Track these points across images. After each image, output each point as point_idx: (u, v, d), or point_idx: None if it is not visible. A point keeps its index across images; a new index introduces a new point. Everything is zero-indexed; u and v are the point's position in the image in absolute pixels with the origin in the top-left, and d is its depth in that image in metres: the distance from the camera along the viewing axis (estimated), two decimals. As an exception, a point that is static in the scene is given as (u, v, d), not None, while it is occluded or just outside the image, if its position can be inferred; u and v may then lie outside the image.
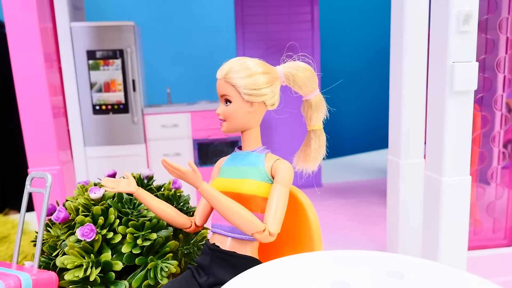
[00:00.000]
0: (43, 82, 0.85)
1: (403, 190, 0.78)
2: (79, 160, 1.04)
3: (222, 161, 0.52)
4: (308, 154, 0.53)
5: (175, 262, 0.51)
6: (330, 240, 0.94)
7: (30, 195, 0.55)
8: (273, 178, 0.48)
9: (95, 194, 0.53)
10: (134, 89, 1.05)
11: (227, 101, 0.48)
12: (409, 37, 0.75)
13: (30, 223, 1.06)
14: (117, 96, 1.04)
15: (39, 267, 0.50)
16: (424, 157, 0.79)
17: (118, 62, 1.02)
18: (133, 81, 1.04)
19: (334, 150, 2.06)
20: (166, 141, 1.07)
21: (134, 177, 0.60)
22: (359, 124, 2.03)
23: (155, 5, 1.33)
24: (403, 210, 0.79)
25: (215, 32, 1.41)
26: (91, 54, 1.03)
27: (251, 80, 0.47)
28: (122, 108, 1.05)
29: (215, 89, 0.51)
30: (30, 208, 0.64)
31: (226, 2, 1.20)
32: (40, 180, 0.52)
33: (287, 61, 0.53)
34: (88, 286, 0.48)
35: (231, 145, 1.01)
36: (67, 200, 0.56)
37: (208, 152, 1.10)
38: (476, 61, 0.79)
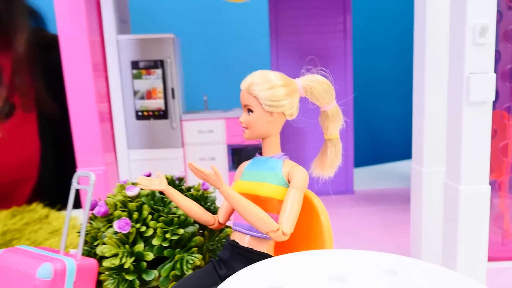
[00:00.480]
0: (91, 90, 0.94)
1: (425, 198, 0.79)
2: (123, 161, 1.13)
3: (244, 165, 0.57)
4: (325, 161, 0.57)
5: (199, 256, 0.56)
6: (355, 245, 0.97)
7: (77, 192, 0.62)
8: (289, 182, 0.52)
9: (131, 192, 0.60)
10: (173, 97, 1.12)
11: (249, 110, 0.53)
12: (431, 48, 0.76)
13: (77, 218, 1.16)
14: (157, 103, 1.12)
15: (82, 254, 0.57)
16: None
17: (159, 71, 1.10)
18: (172, 89, 1.12)
19: (373, 157, 2.06)
20: (202, 145, 1.13)
21: (167, 178, 0.65)
22: (399, 131, 2.02)
23: (194, 18, 1.42)
24: (426, 217, 0.80)
25: (250, 42, 1.48)
26: (134, 64, 1.11)
27: (272, 92, 0.52)
28: (162, 114, 1.12)
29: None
30: (78, 205, 0.71)
31: (261, 13, 1.26)
32: (86, 178, 0.59)
33: (306, 74, 0.57)
34: (123, 273, 0.55)
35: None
36: (108, 197, 0.62)
37: (241, 157, 1.16)
38: (504, 70, 0.79)
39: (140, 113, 1.13)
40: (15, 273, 0.53)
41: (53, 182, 1.47)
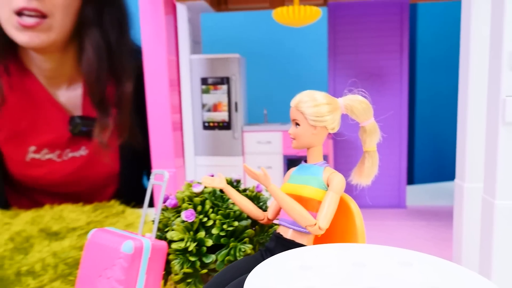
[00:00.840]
0: (167, 103, 1.09)
1: (466, 211, 0.83)
2: (190, 166, 1.27)
3: (292, 170, 0.66)
4: (362, 171, 0.65)
5: (250, 246, 0.66)
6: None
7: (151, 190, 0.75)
8: (328, 186, 0.60)
9: (197, 189, 0.71)
10: (236, 110, 1.24)
11: (297, 124, 0.62)
12: (473, 72, 0.81)
13: (147, 215, 1.32)
14: (222, 115, 1.25)
15: (155, 238, 0.69)
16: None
17: (224, 87, 1.23)
18: (236, 103, 1.24)
19: (436, 174, 2.05)
20: (260, 155, 1.24)
21: (227, 180, 0.77)
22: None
23: (258, 39, 1.55)
24: (466, 230, 0.83)
25: (309, 61, 1.58)
26: (204, 81, 1.25)
27: (316, 109, 0.61)
28: (226, 125, 1.25)
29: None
30: (150, 205, 0.83)
31: (320, 33, 1.35)
32: (160, 177, 0.72)
33: (348, 94, 0.65)
34: (187, 255, 0.66)
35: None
36: (177, 193, 0.75)
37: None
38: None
39: (206, 124, 1.26)
40: (104, 247, 0.66)
41: (128, 187, 1.67)
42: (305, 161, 0.64)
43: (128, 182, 1.65)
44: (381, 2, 1.32)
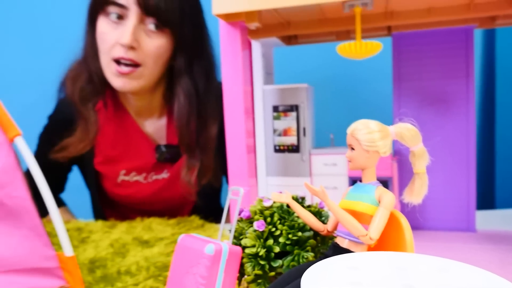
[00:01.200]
0: (242, 128, 1.23)
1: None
2: (262, 185, 1.39)
3: (349, 188, 0.76)
4: (413, 190, 0.73)
5: (312, 254, 0.76)
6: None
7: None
8: (379, 203, 0.69)
9: (267, 203, 0.83)
10: (304, 135, 1.36)
11: (352, 148, 0.72)
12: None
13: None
14: (291, 139, 1.37)
15: (232, 243, 0.82)
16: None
17: (293, 114, 1.35)
18: (304, 128, 1.35)
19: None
20: (326, 176, 1.33)
21: (293, 197, 0.88)
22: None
23: (325, 68, 1.67)
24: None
25: (374, 87, 1.65)
26: (275, 108, 1.38)
27: (369, 136, 0.71)
28: (295, 148, 1.37)
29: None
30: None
31: (385, 61, 1.43)
32: (236, 192, 0.85)
33: (399, 122, 0.74)
34: (258, 259, 0.78)
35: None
36: (250, 207, 0.87)
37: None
38: None
39: (277, 147, 1.38)
40: (191, 249, 0.80)
41: (206, 205, 1.85)
42: (360, 181, 0.74)
43: (205, 201, 1.83)
44: (445, 31, 1.37)
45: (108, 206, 1.89)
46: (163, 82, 1.75)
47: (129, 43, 1.56)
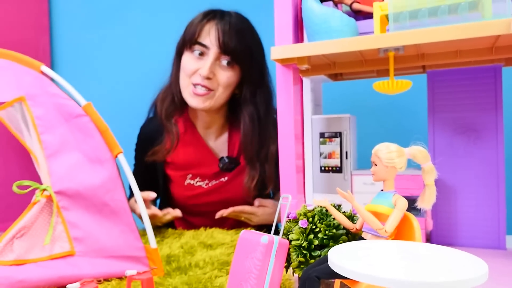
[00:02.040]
0: (292, 151, 1.46)
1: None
2: (309, 201, 1.62)
3: (374, 196, 0.97)
4: (424, 198, 0.93)
5: (344, 247, 0.97)
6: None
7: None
8: (395, 206, 0.90)
9: (309, 207, 1.06)
10: (346, 157, 1.57)
11: (375, 164, 0.94)
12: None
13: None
14: (335, 161, 1.59)
15: (282, 237, 1.05)
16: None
17: (337, 140, 1.58)
18: (346, 152, 1.57)
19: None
20: (365, 194, 1.53)
21: (331, 204, 1.10)
22: None
23: (367, 99, 1.88)
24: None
25: (410, 117, 1.83)
26: (322, 135, 1.61)
27: (389, 155, 0.92)
28: (338, 169, 1.58)
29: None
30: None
31: (422, 94, 1.62)
32: (286, 199, 1.08)
33: (413, 145, 0.95)
34: (301, 249, 1.00)
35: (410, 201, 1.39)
36: (297, 211, 1.10)
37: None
38: None
39: (323, 168, 1.61)
40: (250, 240, 1.04)
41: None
42: (382, 190, 0.95)
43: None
44: (475, 69, 1.55)
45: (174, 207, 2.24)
46: (226, 105, 2.12)
47: (206, 75, 1.96)
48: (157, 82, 2.15)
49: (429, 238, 1.60)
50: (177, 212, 1.96)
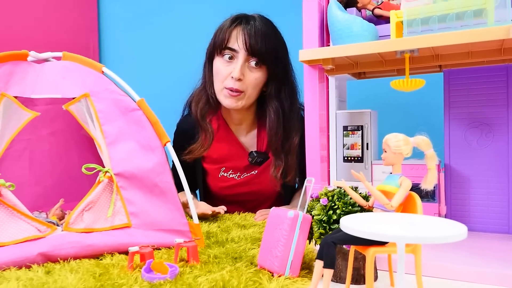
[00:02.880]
0: (317, 143, 1.65)
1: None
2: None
3: (384, 178, 1.15)
4: (426, 181, 1.09)
5: (358, 221, 1.15)
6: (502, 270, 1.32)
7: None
8: (400, 185, 1.07)
9: (330, 188, 1.24)
10: (367, 148, 1.73)
11: (385, 151, 1.11)
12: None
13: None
14: (357, 152, 1.75)
15: (305, 213, 1.24)
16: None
17: (359, 132, 1.74)
18: (367, 143, 1.73)
19: None
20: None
21: (350, 187, 1.28)
22: None
23: (388, 95, 2.03)
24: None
25: (426, 112, 1.96)
26: (345, 128, 1.78)
27: (396, 143, 1.09)
28: (359, 159, 1.75)
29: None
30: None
31: (438, 91, 1.76)
32: (310, 181, 1.27)
33: (417, 135, 1.11)
34: (322, 223, 1.18)
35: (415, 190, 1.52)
36: (319, 192, 1.29)
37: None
38: None
39: (346, 158, 1.78)
40: (278, 215, 1.23)
41: (285, 195, 2.37)
42: (391, 173, 1.12)
43: (285, 193, 2.35)
44: (489, 67, 1.68)
45: (210, 200, 2.45)
46: (255, 103, 2.33)
47: (238, 77, 2.17)
48: (192, 82, 2.39)
49: (443, 223, 1.75)
50: (223, 208, 2.13)
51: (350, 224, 0.86)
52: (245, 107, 2.33)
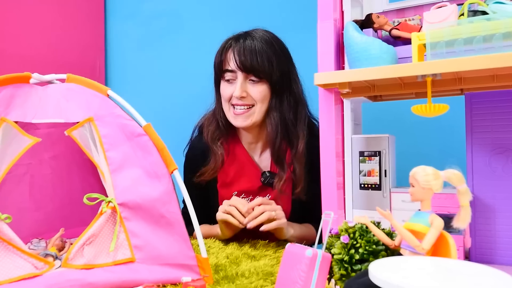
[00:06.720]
0: (333, 169, 1.55)
1: None
2: (349, 217, 1.70)
3: (411, 215, 1.05)
4: (459, 219, 1.00)
5: (383, 261, 1.05)
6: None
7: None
8: (431, 225, 0.97)
9: (350, 224, 1.15)
10: (385, 176, 1.64)
11: (413, 186, 1.02)
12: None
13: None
14: (374, 179, 1.66)
15: (324, 251, 1.14)
16: None
17: (376, 158, 1.65)
18: (385, 170, 1.64)
19: None
20: (404, 211, 1.58)
21: (371, 221, 1.18)
22: None
23: (405, 120, 1.95)
24: None
25: (446, 138, 1.87)
26: (361, 153, 1.69)
27: (425, 177, 1.00)
28: (377, 187, 1.65)
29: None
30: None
31: (459, 115, 1.67)
32: (329, 215, 1.18)
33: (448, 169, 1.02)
34: (343, 263, 1.08)
35: (447, 219, 1.43)
36: (338, 227, 1.19)
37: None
38: None
39: (362, 185, 1.68)
40: (295, 253, 1.14)
41: (298, 214, 2.29)
42: (419, 210, 1.03)
43: (298, 211, 2.27)
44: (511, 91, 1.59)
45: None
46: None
47: (239, 95, 2.19)
48: (200, 105, 2.33)
49: (467, 256, 1.64)
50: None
51: (381, 275, 0.76)
52: (257, 125, 2.29)
